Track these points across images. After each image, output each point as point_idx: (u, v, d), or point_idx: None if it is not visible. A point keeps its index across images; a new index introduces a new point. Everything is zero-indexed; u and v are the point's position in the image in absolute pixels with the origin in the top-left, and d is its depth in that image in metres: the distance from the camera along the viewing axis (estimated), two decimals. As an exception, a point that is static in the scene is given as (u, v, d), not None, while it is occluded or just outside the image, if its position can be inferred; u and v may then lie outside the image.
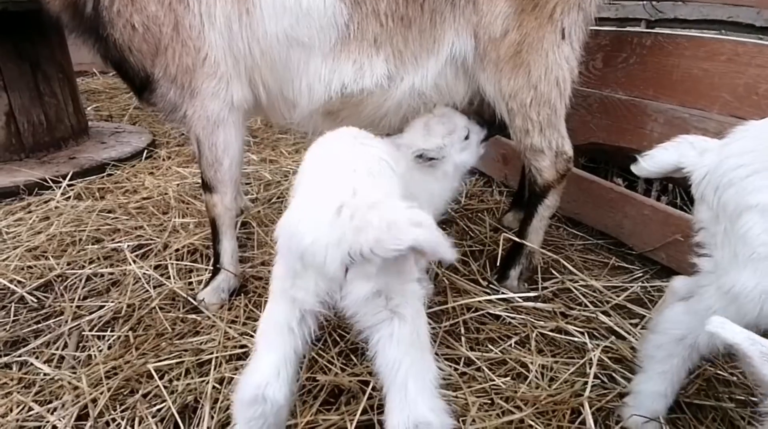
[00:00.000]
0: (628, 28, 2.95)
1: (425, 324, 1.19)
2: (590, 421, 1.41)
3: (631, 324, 1.84)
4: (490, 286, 2.07)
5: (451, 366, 1.68)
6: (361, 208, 1.01)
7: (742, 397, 1.53)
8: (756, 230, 1.01)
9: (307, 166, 1.28)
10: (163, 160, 3.49)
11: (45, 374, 1.65)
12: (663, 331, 1.27)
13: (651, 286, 2.07)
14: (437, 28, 1.70)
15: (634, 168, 1.38)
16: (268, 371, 1.14)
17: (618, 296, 2.00)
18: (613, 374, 1.63)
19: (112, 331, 1.86)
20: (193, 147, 1.91)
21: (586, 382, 1.56)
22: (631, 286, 2.06)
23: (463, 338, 1.80)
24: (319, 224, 1.02)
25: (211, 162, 1.85)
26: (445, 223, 2.57)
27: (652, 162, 1.30)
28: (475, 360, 1.69)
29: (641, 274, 2.17)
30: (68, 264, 2.25)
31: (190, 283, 2.12)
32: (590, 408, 1.46)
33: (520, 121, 1.83)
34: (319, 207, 1.05)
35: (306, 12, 1.62)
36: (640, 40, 2.12)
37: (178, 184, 3.02)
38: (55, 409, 1.52)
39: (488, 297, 1.96)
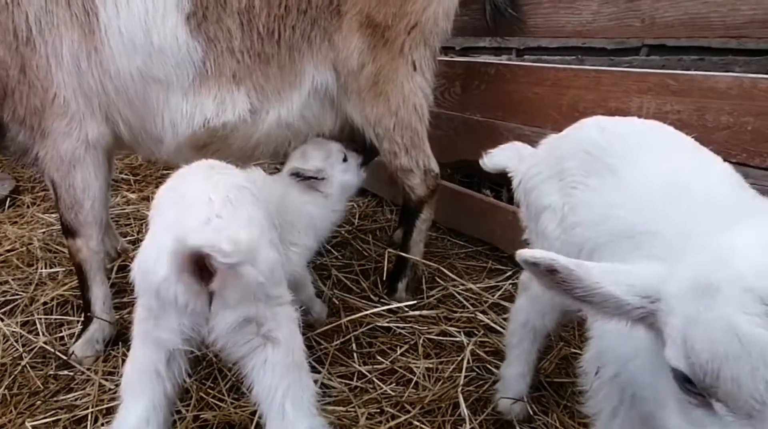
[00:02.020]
0: (479, 58, 3.30)
1: (300, 345, 1.22)
2: (464, 410, 1.54)
3: (503, 318, 2.03)
4: (381, 300, 2.17)
5: (343, 383, 1.73)
6: None
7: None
8: (551, 227, 1.20)
9: (159, 201, 1.27)
10: (27, 206, 3.18)
11: None
12: (513, 319, 1.45)
13: (520, 283, 2.31)
14: (296, 64, 1.80)
15: (481, 161, 1.58)
16: (136, 423, 1.10)
17: (493, 295, 2.20)
18: (488, 365, 1.79)
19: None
20: (49, 190, 1.79)
21: (466, 377, 1.70)
22: (503, 285, 2.28)
23: (355, 354, 1.86)
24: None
25: (70, 204, 1.75)
26: (338, 244, 2.64)
27: (490, 161, 1.52)
28: (367, 373, 1.76)
29: (512, 274, 2.40)
30: None
31: (62, 338, 1.96)
32: (468, 399, 1.60)
33: (387, 144, 1.98)
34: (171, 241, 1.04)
35: (159, 50, 1.64)
36: (487, 70, 2.42)
37: (44, 232, 2.77)
38: None
39: (375, 309, 2.05)
